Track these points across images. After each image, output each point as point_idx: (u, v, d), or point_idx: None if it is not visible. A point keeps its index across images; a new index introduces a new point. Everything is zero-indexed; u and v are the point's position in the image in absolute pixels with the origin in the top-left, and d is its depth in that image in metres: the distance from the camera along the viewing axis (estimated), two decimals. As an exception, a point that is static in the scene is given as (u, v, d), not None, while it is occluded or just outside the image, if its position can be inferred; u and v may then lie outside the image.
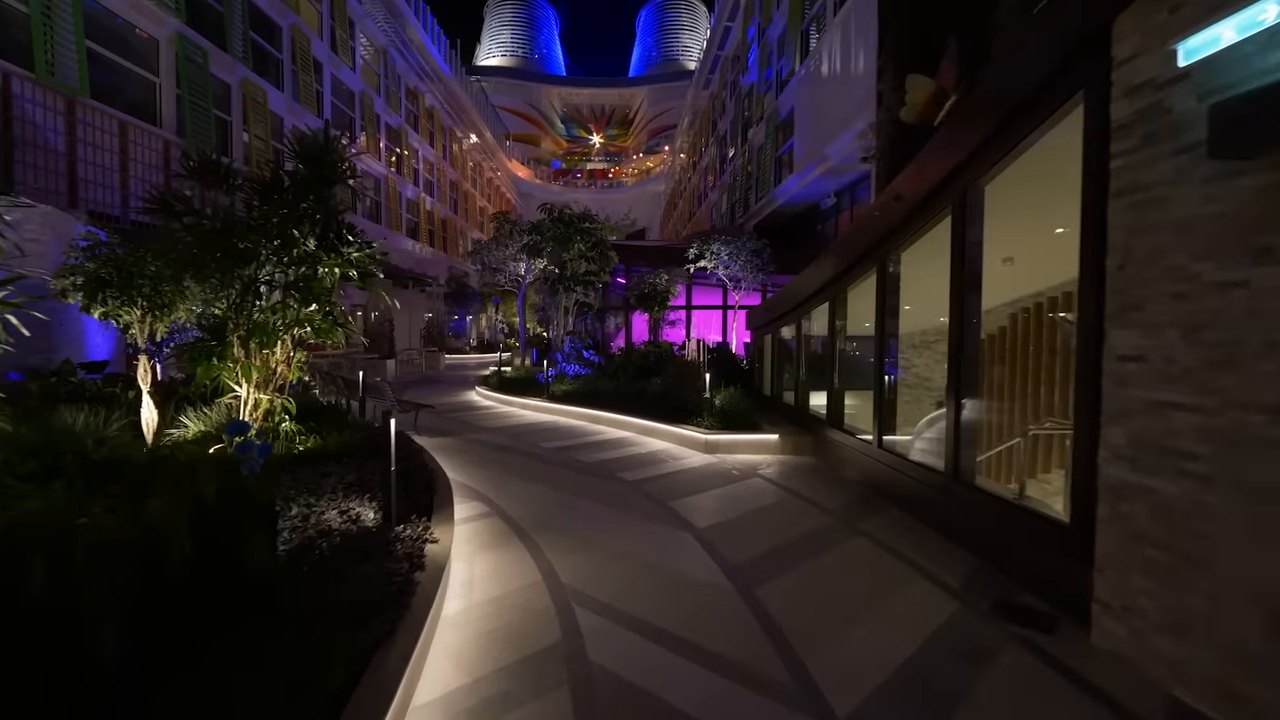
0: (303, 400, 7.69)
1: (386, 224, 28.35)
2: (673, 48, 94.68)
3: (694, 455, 8.23)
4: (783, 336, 10.36)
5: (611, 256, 14.16)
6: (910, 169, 5.32)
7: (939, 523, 5.08)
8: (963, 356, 4.84)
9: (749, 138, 28.45)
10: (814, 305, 8.55)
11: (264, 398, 5.65)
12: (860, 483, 6.69)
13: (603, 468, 7.43)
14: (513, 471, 7.15)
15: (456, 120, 41.15)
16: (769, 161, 24.22)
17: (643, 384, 11.36)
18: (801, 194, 21.18)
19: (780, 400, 10.32)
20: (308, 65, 20.88)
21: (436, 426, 10.16)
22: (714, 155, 38.07)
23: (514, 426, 10.36)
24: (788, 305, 9.48)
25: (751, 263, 17.69)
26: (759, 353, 11.82)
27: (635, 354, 14.20)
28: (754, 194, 27.27)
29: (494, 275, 17.13)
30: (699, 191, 45.58)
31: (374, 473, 5.19)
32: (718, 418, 8.85)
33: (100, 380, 7.77)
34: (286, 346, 5.72)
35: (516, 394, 12.84)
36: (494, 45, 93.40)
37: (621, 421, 10.04)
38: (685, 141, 54.77)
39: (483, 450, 8.32)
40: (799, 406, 9.10)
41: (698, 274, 19.63)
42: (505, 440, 9.09)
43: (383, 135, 27.99)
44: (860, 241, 6.70)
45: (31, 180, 10.93)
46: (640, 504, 5.92)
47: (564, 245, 13.38)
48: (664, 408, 9.82)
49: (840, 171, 18.26)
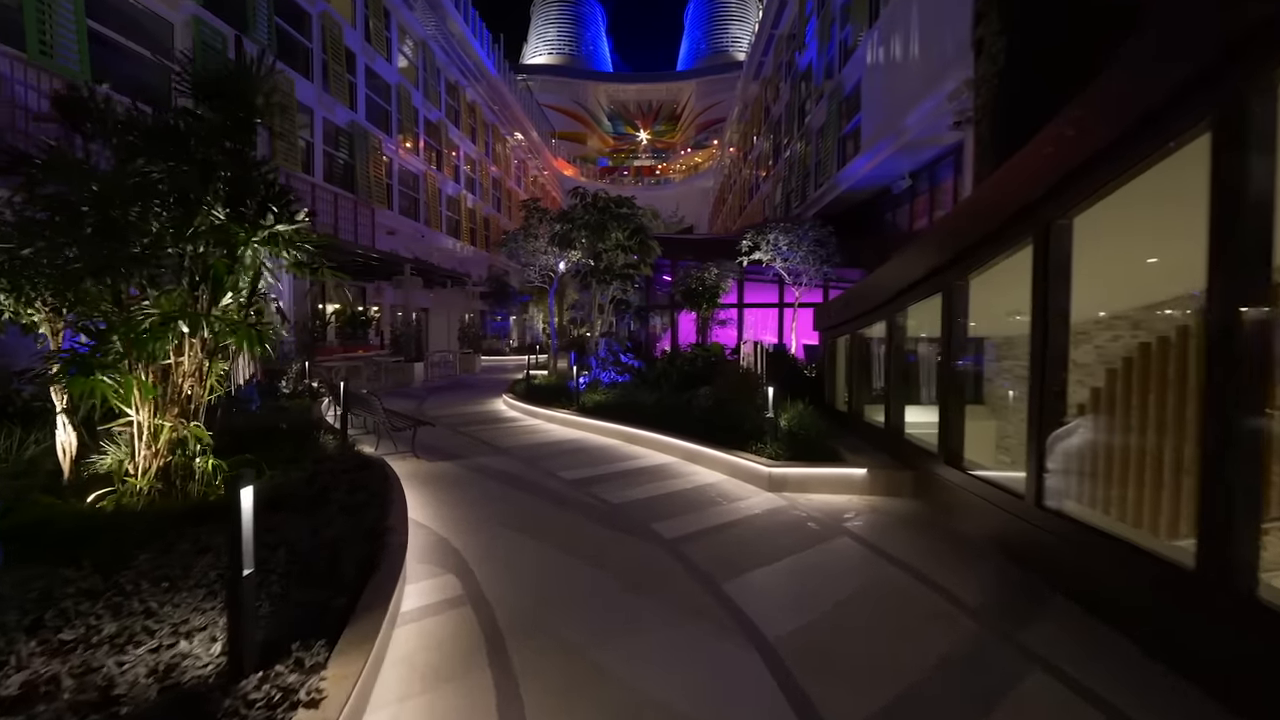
0: (260, 422, 6.22)
1: (425, 221, 27.48)
2: (722, 39, 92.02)
3: (754, 494, 6.32)
4: (866, 339, 8.30)
5: (653, 246, 12.36)
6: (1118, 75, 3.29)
7: (1178, 652, 3.03)
8: (1240, 365, 2.77)
9: (806, 120, 26.10)
10: (917, 298, 6.49)
11: (165, 424, 4.12)
12: (997, 548, 4.65)
13: (633, 513, 5.62)
14: (513, 519, 5.44)
15: (500, 116, 40.28)
16: (831, 143, 21.89)
17: (689, 395, 9.51)
18: (870, 177, 18.82)
19: (861, 419, 8.26)
20: (339, 55, 19.99)
21: (442, 446, 8.60)
22: (767, 144, 35.74)
23: (533, 445, 8.69)
24: (876, 299, 7.44)
25: (814, 254, 15.54)
26: (829, 358, 9.77)
27: (680, 358, 12.36)
28: (812, 181, 24.92)
29: (524, 270, 15.58)
30: (750, 184, 43.23)
31: (299, 537, 3.55)
32: (784, 443, 6.91)
33: (29, 391, 6.52)
34: (196, 354, 4.18)
35: (543, 404, 11.21)
36: (541, 43, 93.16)
37: (662, 443, 8.22)
38: (735, 133, 52.48)
39: (485, 482, 6.66)
40: (891, 430, 7.05)
41: (751, 268, 17.61)
42: (517, 467, 7.41)
43: (421, 130, 27.11)
44: (1005, 201, 4.65)
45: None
46: (681, 583, 4.09)
47: (599, 234, 11.68)
48: (714, 427, 7.95)
49: (918, 147, 15.88)
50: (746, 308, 20.72)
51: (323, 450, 5.99)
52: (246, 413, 6.42)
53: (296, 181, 17.30)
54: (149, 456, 4.10)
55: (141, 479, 4.11)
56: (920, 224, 18.06)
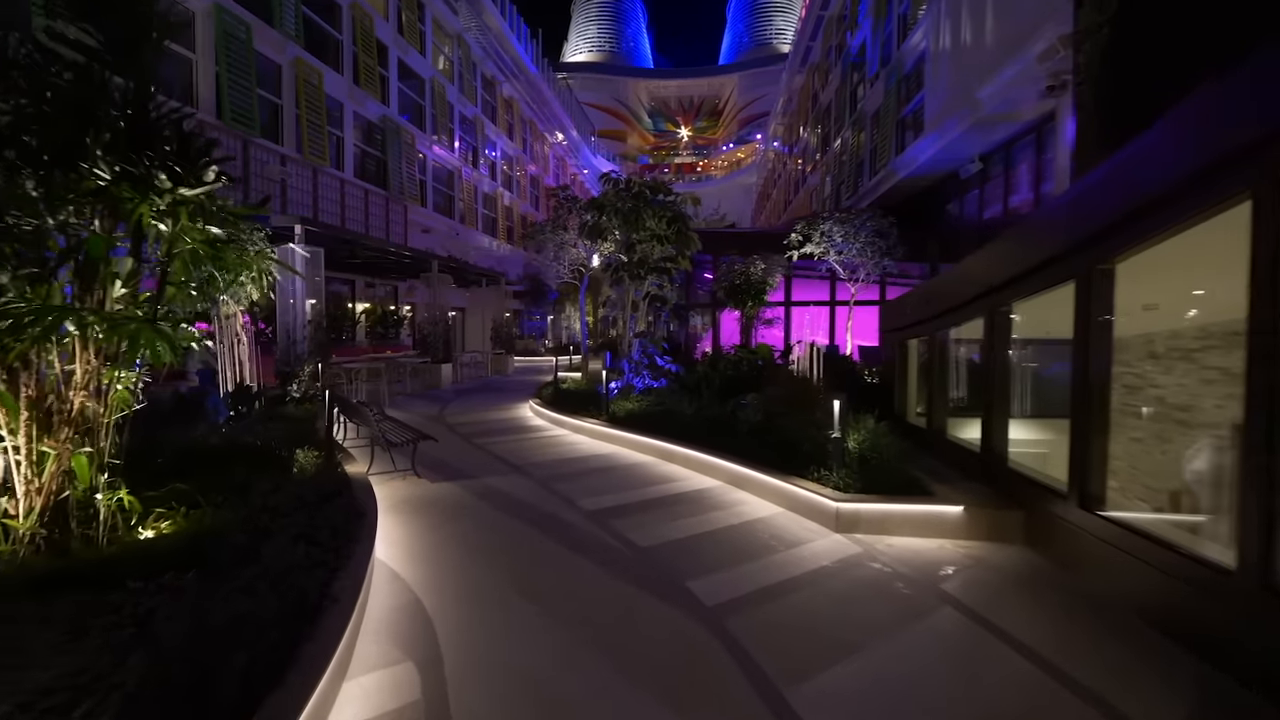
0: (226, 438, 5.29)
1: (460, 219, 26.94)
2: (765, 31, 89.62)
3: (817, 535, 5.04)
4: (950, 340, 6.87)
5: (693, 237, 11.11)
6: None
7: None
8: None
9: (859, 105, 24.33)
10: (1033, 289, 5.07)
11: (49, 449, 3.16)
12: (1180, 637, 3.24)
13: (665, 563, 4.42)
14: (513, 570, 4.31)
15: (538, 113, 39.66)
16: (888, 127, 20.14)
17: (732, 405, 8.24)
18: (933, 161, 17.07)
19: (942, 437, 6.84)
20: (370, 47, 19.47)
21: (451, 461, 7.60)
22: (814, 134, 33.92)
23: (554, 462, 7.59)
24: (969, 292, 6.02)
25: (873, 246, 13.97)
26: (898, 363, 8.33)
27: (723, 362, 11.08)
28: (866, 170, 23.15)
29: (553, 264, 14.55)
30: (796, 177, 41.36)
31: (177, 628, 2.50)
32: (853, 469, 5.59)
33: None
34: (89, 362, 3.21)
35: (570, 412, 10.12)
36: (581, 41, 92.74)
37: (702, 463, 6.98)
38: (780, 126, 50.54)
39: (488, 514, 5.57)
40: (990, 455, 5.63)
41: (800, 264, 16.13)
42: (532, 491, 6.30)
43: (456, 125, 26.57)
44: (1203, 146, 3.24)
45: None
46: (726, 686, 2.88)
47: (632, 224, 10.51)
48: (765, 445, 6.67)
49: (991, 124, 14.12)
50: (794, 306, 19.22)
51: (294, 474, 5.01)
52: (213, 426, 5.53)
53: (325, 177, 16.79)
54: (31, 493, 3.15)
55: (25, 522, 3.16)
56: (992, 212, 16.23)
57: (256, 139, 14.24)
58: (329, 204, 16.87)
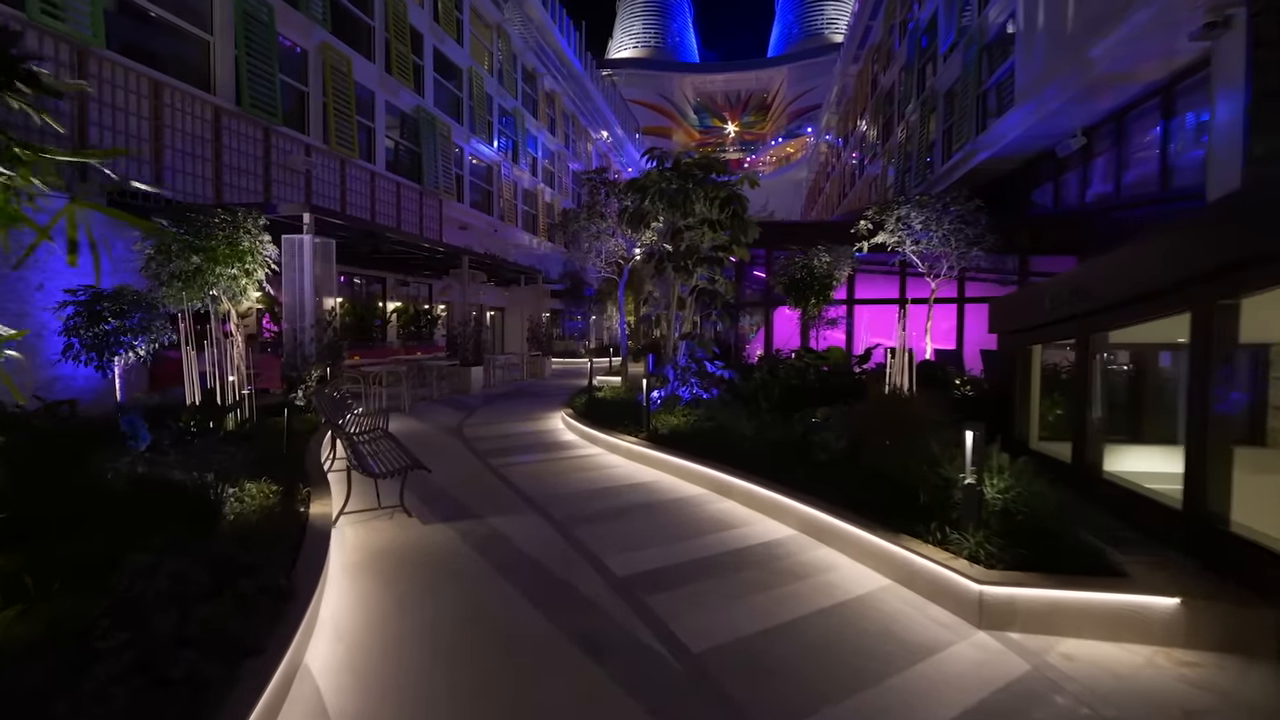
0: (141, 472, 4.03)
1: (499, 215, 26.00)
2: (815, 21, 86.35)
3: (951, 633, 3.41)
4: (1107, 346, 5.08)
5: (750, 222, 9.51)
6: None
7: None
8: None
9: (929, 83, 22.09)
10: None
11: None
12: None
13: (730, 684, 2.89)
14: (490, 700, 2.88)
15: (581, 108, 38.59)
16: (968, 103, 17.92)
17: (803, 425, 6.62)
18: (1025, 138, 14.92)
19: (1099, 477, 5.04)
20: (403, 34, 18.59)
21: (454, 492, 6.26)
22: (875, 121, 31.56)
23: (582, 496, 6.13)
24: (1154, 280, 4.24)
25: (959, 234, 11.99)
26: (1020, 374, 6.50)
27: (782, 368, 9.43)
28: (939, 153, 20.91)
29: (586, 257, 13.14)
30: (852, 169, 38.93)
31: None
32: (995, 530, 3.92)
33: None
34: None
35: (606, 426, 8.68)
36: (625, 38, 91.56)
37: (768, 503, 5.41)
38: (834, 116, 48.05)
39: (481, 580, 4.14)
40: (1198, 513, 3.86)
41: (864, 257, 14.23)
42: (547, 543, 4.86)
43: (495, 118, 25.62)
44: None
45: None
46: None
47: (679, 207, 8.99)
48: (849, 483, 5.06)
49: (1100, 89, 11.96)
50: (856, 304, 17.27)
51: (226, 522, 3.72)
52: (132, 455, 4.31)
53: (354, 169, 15.93)
54: None
55: None
56: (1099, 194, 13.96)
57: (278, 126, 13.42)
58: (358, 197, 16.00)
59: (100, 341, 6.79)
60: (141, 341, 7.06)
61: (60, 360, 6.92)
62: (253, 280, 7.87)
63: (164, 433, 4.97)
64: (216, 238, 7.40)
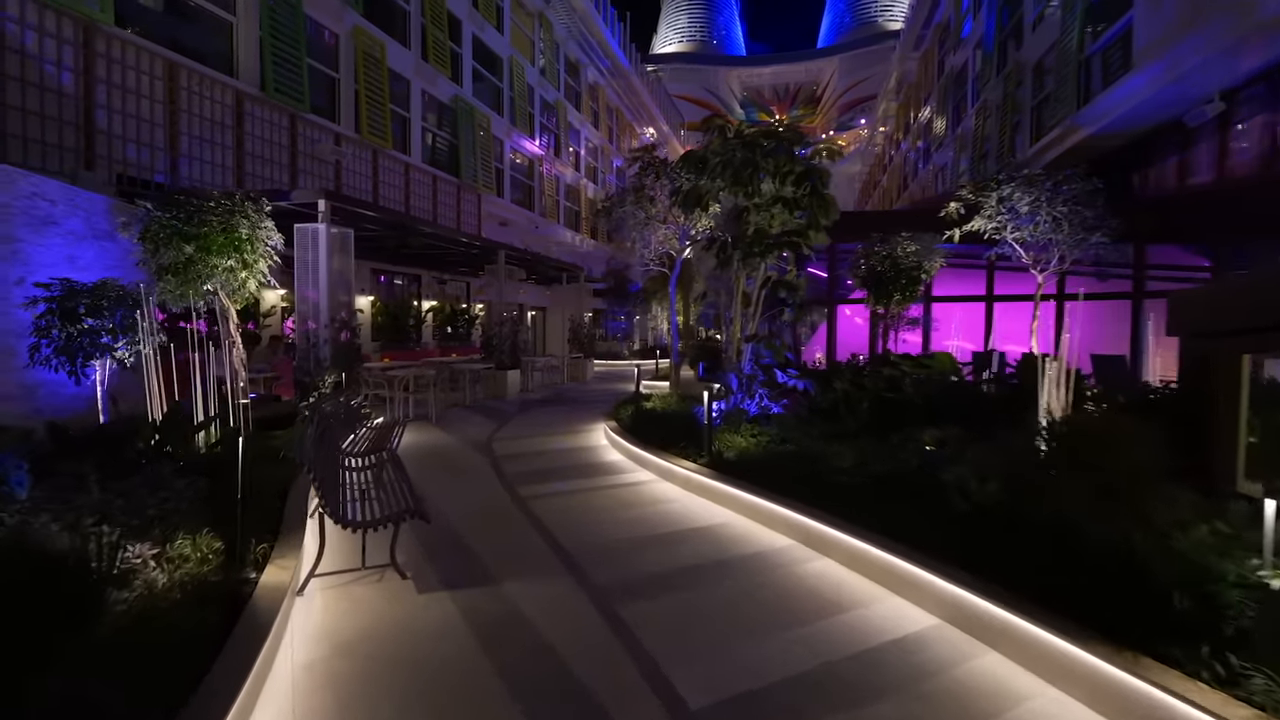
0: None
1: (540, 211, 24.99)
2: (869, 9, 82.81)
3: None
4: None
5: (831, 200, 7.94)
6: None
7: None
8: None
9: (1010, 56, 19.84)
10: None
11: None
12: None
13: None
14: None
15: (624, 100, 37.38)
16: (1066, 73, 15.70)
17: (911, 451, 5.06)
18: (1147, 105, 12.71)
19: None
20: (440, 20, 17.68)
21: (468, 536, 4.97)
22: (942, 106, 29.15)
23: (629, 548, 4.71)
24: None
25: (1074, 219, 10.05)
26: (1223, 393, 4.75)
27: (865, 378, 7.82)
28: (1027, 132, 18.65)
29: (632, 248, 11.75)
30: (914, 159, 36.38)
31: None
32: (1265, 649, 2.32)
33: None
34: None
35: (656, 446, 7.25)
36: (671, 32, 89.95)
37: (887, 571, 3.88)
38: (891, 105, 45.33)
39: (484, 709, 2.82)
40: None
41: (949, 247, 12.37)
42: (583, 630, 3.47)
43: (537, 110, 24.62)
44: None
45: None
46: None
47: (745, 183, 7.52)
48: (1020, 550, 3.50)
49: (1252, 39, 9.86)
50: (935, 302, 15.32)
51: (114, 613, 2.49)
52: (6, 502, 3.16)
53: (386, 160, 15.05)
54: None
55: None
56: (1240, 169, 11.74)
57: (306, 114, 12.59)
58: (391, 190, 15.12)
59: (71, 344, 5.83)
60: (124, 344, 6.10)
61: (34, 365, 6.00)
62: (253, 273, 6.85)
63: (87, 464, 3.84)
64: (210, 224, 6.39)
